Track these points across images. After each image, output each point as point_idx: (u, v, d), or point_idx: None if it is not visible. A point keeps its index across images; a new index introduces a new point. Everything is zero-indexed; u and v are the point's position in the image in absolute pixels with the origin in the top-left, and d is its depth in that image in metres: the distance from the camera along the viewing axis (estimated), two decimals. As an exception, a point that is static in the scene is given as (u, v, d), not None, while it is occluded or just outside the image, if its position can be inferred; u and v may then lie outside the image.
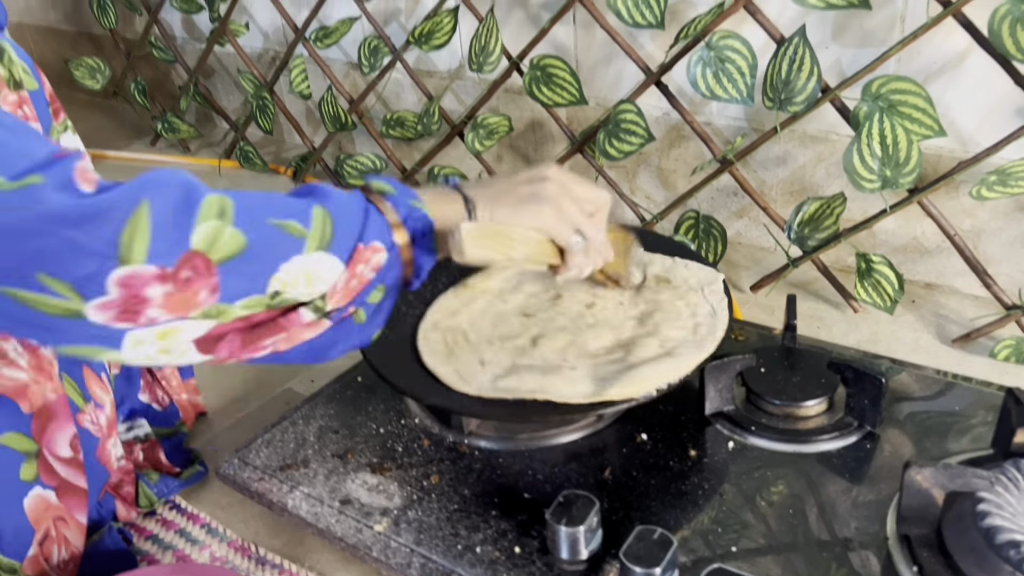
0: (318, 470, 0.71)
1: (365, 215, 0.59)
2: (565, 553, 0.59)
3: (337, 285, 0.57)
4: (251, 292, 0.54)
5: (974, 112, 0.93)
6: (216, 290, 0.52)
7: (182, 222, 0.50)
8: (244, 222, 0.53)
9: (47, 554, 0.70)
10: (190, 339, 0.54)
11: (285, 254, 0.54)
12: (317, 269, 0.56)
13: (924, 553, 0.58)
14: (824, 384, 0.72)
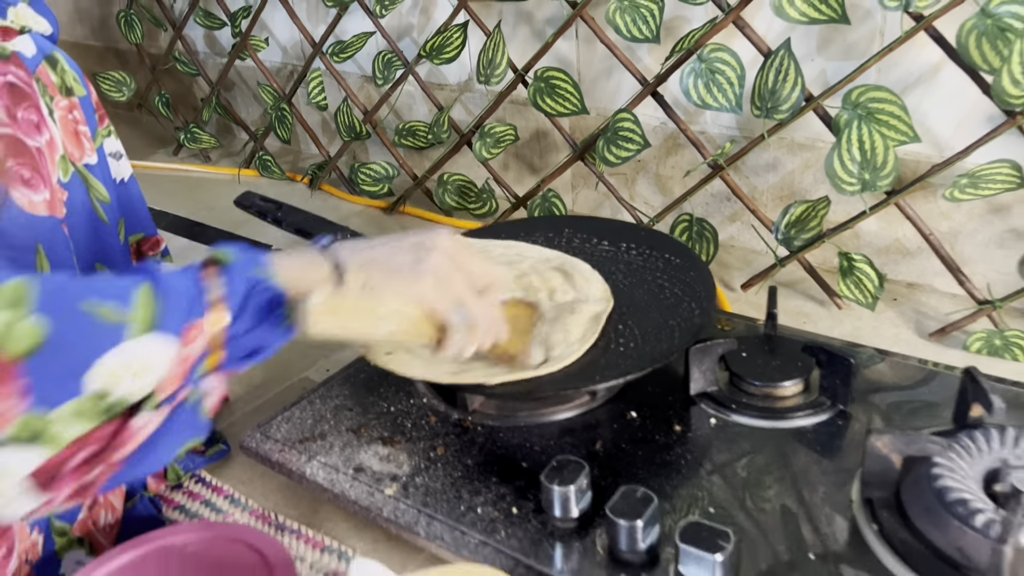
0: (334, 443, 0.78)
1: (198, 286, 0.53)
2: (558, 511, 0.65)
3: (168, 374, 0.51)
4: (69, 396, 0.47)
5: (949, 120, 0.99)
6: (25, 395, 0.45)
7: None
8: (50, 308, 0.46)
9: (95, 518, 0.76)
10: (20, 475, 0.47)
11: (103, 344, 0.48)
12: (145, 356, 0.49)
13: (884, 513, 0.64)
14: (800, 367, 0.78)
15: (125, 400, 0.49)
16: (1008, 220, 1.00)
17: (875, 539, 0.62)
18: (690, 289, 0.84)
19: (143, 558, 0.67)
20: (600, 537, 0.64)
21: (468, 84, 1.40)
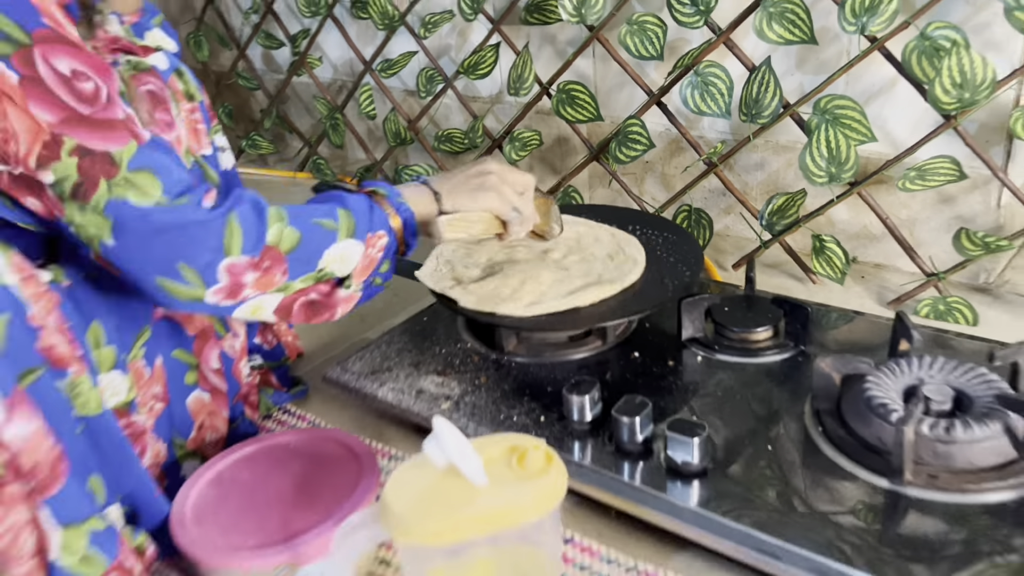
0: (399, 373, 0.98)
1: (371, 211, 0.82)
2: (576, 416, 0.85)
3: (360, 264, 0.80)
4: (307, 271, 0.77)
5: (905, 123, 1.18)
6: (285, 271, 0.75)
7: (260, 225, 0.74)
8: (298, 221, 0.76)
9: (202, 437, 0.96)
10: (270, 309, 0.78)
11: (327, 241, 0.77)
12: (348, 252, 0.79)
13: (827, 419, 0.83)
14: (770, 317, 0.97)
15: (333, 274, 0.79)
16: (954, 208, 1.19)
17: (819, 437, 0.82)
18: (683, 257, 1.04)
19: (258, 451, 0.87)
20: (608, 434, 0.84)
21: (499, 96, 1.61)
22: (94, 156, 0.66)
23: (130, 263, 0.69)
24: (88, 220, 0.67)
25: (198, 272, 0.71)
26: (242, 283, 0.73)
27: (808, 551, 0.70)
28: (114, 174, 0.67)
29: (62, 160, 0.65)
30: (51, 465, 0.65)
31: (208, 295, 0.72)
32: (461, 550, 0.72)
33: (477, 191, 0.88)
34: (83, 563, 0.67)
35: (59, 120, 0.64)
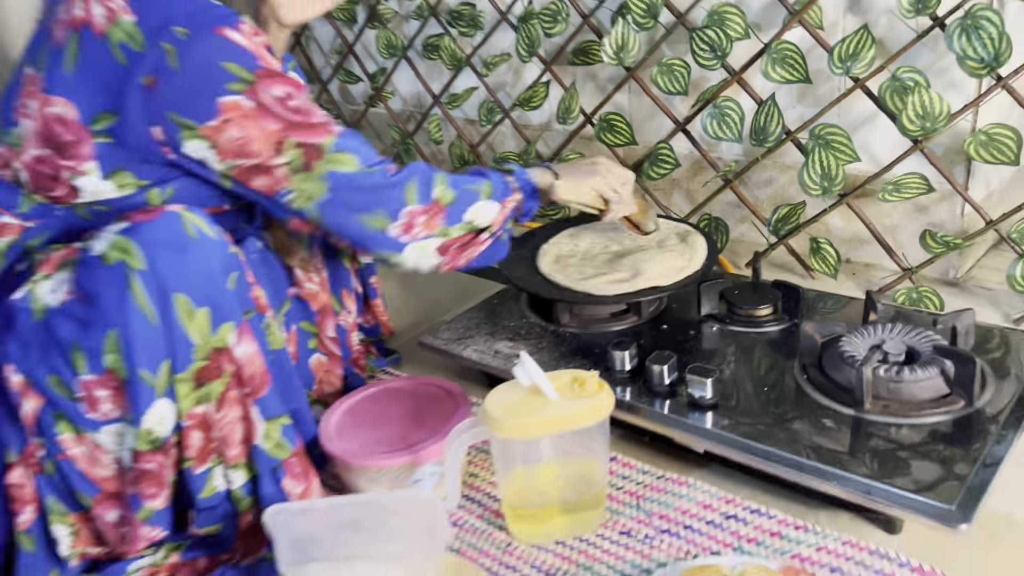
0: (478, 339, 1.25)
1: (505, 185, 1.11)
2: (618, 366, 1.12)
3: (496, 221, 1.10)
4: (459, 221, 1.06)
5: (886, 147, 1.44)
6: (445, 219, 1.05)
7: (429, 186, 1.04)
8: (455, 185, 1.06)
9: (322, 389, 1.24)
10: (433, 248, 1.06)
11: (473, 200, 1.07)
12: (487, 209, 1.08)
13: (811, 370, 1.09)
14: (770, 297, 1.23)
15: (477, 225, 1.07)
16: (927, 217, 1.45)
17: (804, 382, 1.08)
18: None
19: (378, 392, 1.15)
20: (643, 380, 1.10)
21: (548, 124, 1.89)
22: (308, 146, 0.94)
23: (338, 210, 0.98)
24: (310, 185, 0.95)
25: (388, 212, 1.00)
26: (414, 223, 1.02)
27: (791, 454, 0.96)
28: (322, 155, 0.95)
29: (289, 151, 0.93)
30: (261, 377, 0.93)
31: (391, 227, 1.00)
32: (536, 457, 0.99)
33: (587, 174, 1.18)
34: (276, 447, 0.95)
35: (281, 128, 0.92)
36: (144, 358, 0.85)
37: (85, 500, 0.93)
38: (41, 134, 0.92)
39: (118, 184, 0.94)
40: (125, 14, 0.89)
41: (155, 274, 0.84)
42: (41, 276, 0.89)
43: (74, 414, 0.89)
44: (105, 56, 0.89)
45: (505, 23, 1.77)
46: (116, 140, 0.91)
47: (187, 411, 0.89)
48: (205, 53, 0.89)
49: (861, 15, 1.40)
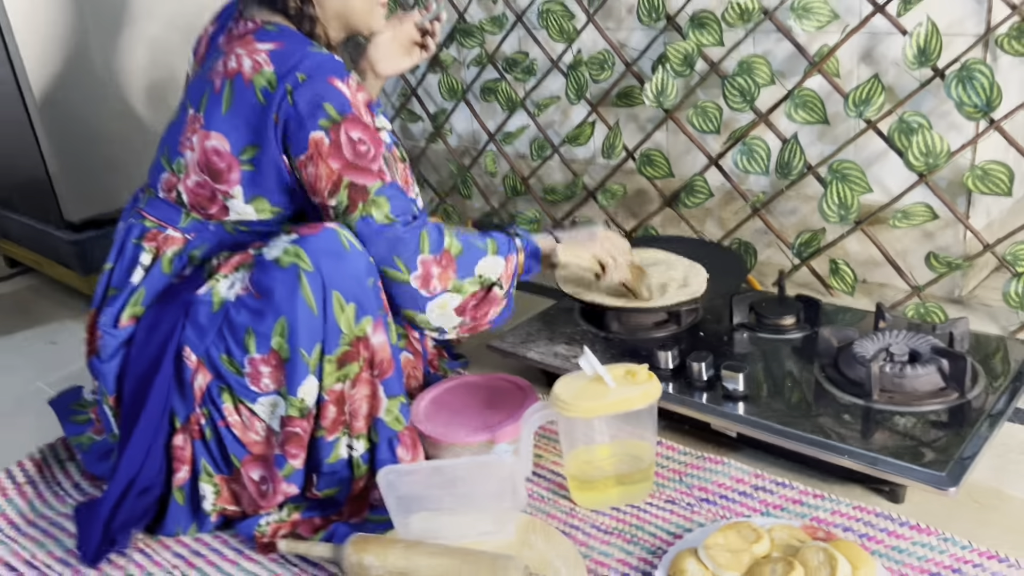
0: (539, 342, 1.45)
1: (509, 243, 1.23)
2: (662, 364, 1.31)
3: (503, 277, 1.21)
4: (471, 274, 1.16)
5: (896, 179, 1.63)
6: (456, 271, 1.16)
7: (440, 236, 1.15)
8: (462, 239, 1.17)
9: (408, 385, 1.44)
10: (452, 308, 1.17)
11: (481, 255, 1.18)
12: (494, 264, 1.19)
13: (827, 368, 1.27)
14: (794, 308, 1.42)
15: (488, 279, 1.20)
16: (934, 242, 1.64)
17: (823, 379, 1.26)
18: (731, 270, 1.50)
19: (456, 385, 1.35)
20: (684, 376, 1.29)
21: (593, 159, 2.11)
22: (356, 187, 1.10)
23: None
24: (347, 226, 1.11)
25: (405, 261, 1.13)
26: (431, 273, 1.13)
27: (812, 434, 1.14)
28: (366, 197, 1.11)
29: (340, 191, 1.11)
30: (388, 362, 1.14)
31: (411, 279, 1.13)
32: (595, 438, 1.18)
33: (587, 240, 1.32)
34: (395, 421, 1.15)
35: (341, 167, 1.10)
36: (304, 341, 1.06)
37: (236, 461, 1.13)
38: (200, 163, 1.14)
39: (256, 209, 1.16)
40: (267, 65, 1.10)
41: (319, 275, 1.05)
42: (221, 276, 1.11)
43: (238, 387, 1.10)
44: (251, 98, 1.11)
45: (556, 70, 2.00)
46: (256, 169, 1.13)
47: (328, 387, 1.10)
48: (313, 95, 1.09)
49: (873, 65, 1.60)
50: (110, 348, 1.19)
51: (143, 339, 1.17)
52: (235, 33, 1.17)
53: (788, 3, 1.58)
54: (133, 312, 1.18)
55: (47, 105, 1.89)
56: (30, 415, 1.58)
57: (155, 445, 1.15)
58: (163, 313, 1.16)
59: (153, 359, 1.15)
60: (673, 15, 1.76)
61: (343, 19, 1.22)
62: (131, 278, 1.19)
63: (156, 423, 1.14)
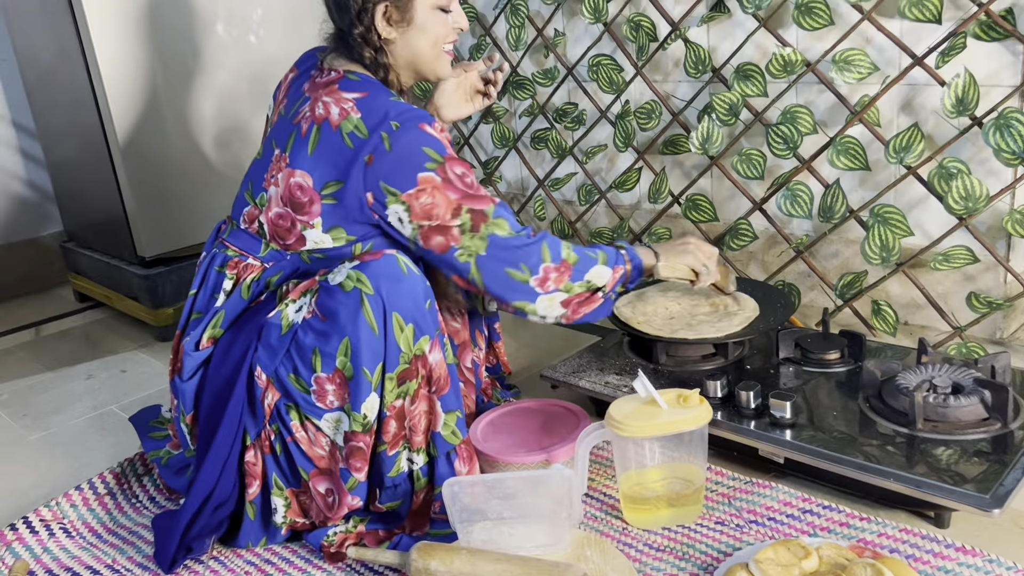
0: (590, 373, 1.52)
1: (617, 255, 1.36)
2: (711, 393, 1.37)
3: (608, 284, 1.34)
4: (581, 279, 1.29)
5: (936, 223, 1.68)
6: (571, 277, 1.29)
7: (558, 249, 1.29)
8: (577, 251, 1.30)
9: (469, 408, 1.51)
10: (559, 302, 1.30)
11: (592, 264, 1.30)
12: (603, 272, 1.31)
13: (873, 400, 1.32)
14: (838, 344, 1.47)
15: (595, 285, 1.29)
16: (975, 284, 1.68)
17: (867, 408, 1.31)
18: (776, 308, 1.56)
19: (513, 409, 1.41)
20: (732, 404, 1.35)
21: (639, 204, 2.19)
22: (476, 212, 1.22)
23: (492, 263, 1.23)
24: (475, 243, 1.22)
25: (529, 267, 1.25)
26: (548, 277, 1.26)
27: (858, 458, 1.19)
28: (486, 220, 1.23)
29: (463, 215, 1.21)
30: (444, 379, 1.21)
31: (531, 280, 1.25)
32: (647, 460, 1.23)
33: (681, 252, 1.41)
34: (452, 435, 1.22)
35: (459, 197, 1.21)
36: (367, 360, 1.14)
37: (303, 474, 1.21)
38: (284, 197, 1.24)
39: (333, 237, 1.25)
40: (354, 112, 1.21)
41: (380, 297, 1.13)
42: (289, 300, 1.20)
43: (305, 404, 1.17)
44: (338, 141, 1.21)
45: (604, 119, 2.09)
46: (338, 202, 1.23)
47: (389, 403, 1.17)
48: (411, 140, 1.20)
49: (912, 114, 1.67)
50: (190, 368, 1.28)
51: (219, 360, 1.25)
52: (319, 81, 1.28)
53: (830, 56, 1.66)
54: (212, 334, 1.27)
55: (128, 148, 2.02)
56: (107, 435, 1.67)
57: (230, 462, 1.22)
58: (237, 337, 1.25)
59: (228, 380, 1.23)
60: (718, 67, 1.85)
61: (413, 66, 1.32)
62: (215, 303, 1.28)
63: (231, 441, 1.22)
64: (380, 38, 1.27)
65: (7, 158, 2.58)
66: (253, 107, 2.16)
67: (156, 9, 2.00)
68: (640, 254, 1.39)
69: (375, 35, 1.26)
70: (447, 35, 1.31)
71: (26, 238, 2.65)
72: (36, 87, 2.31)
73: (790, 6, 1.72)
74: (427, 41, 1.29)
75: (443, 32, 1.30)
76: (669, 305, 1.60)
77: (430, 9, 1.28)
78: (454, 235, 1.23)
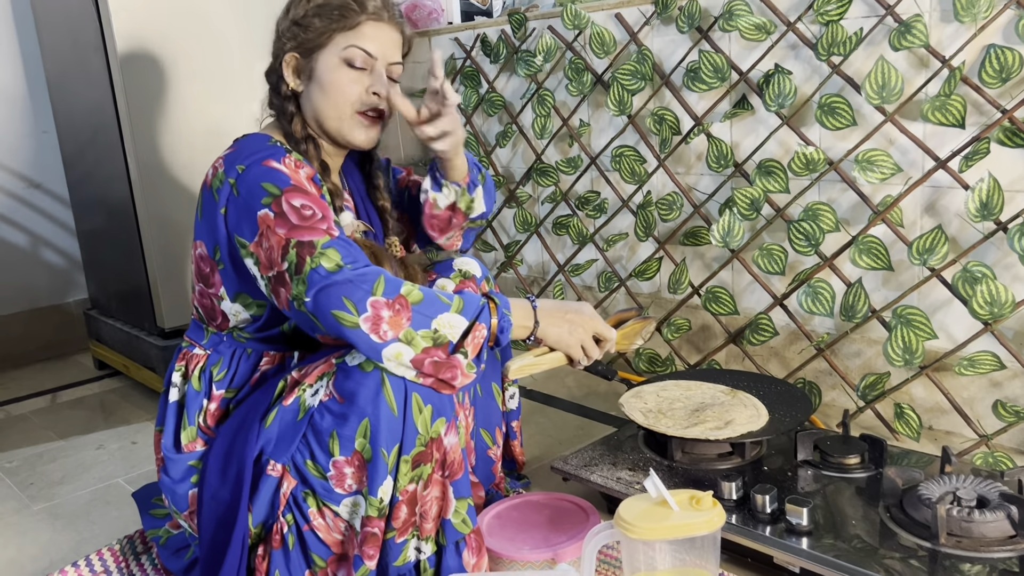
0: (602, 467, 1.48)
1: (482, 309, 1.11)
2: (726, 495, 1.32)
3: (468, 340, 1.08)
4: (426, 326, 1.05)
5: (961, 326, 1.65)
6: (409, 320, 1.05)
7: (397, 285, 1.06)
8: (424, 291, 1.07)
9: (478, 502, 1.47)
10: (407, 359, 1.06)
11: (442, 309, 1.07)
12: (455, 322, 1.07)
13: (893, 509, 1.27)
14: (858, 448, 1.43)
15: (445, 336, 1.07)
16: (1002, 391, 1.63)
17: (887, 519, 1.26)
18: (795, 407, 1.52)
19: (520, 503, 1.38)
20: (747, 508, 1.30)
21: (658, 293, 2.18)
22: (303, 244, 1.07)
23: (319, 307, 1.06)
24: (300, 287, 1.07)
25: (354, 302, 1.04)
26: (380, 316, 1.04)
27: (878, 572, 1.13)
28: (313, 252, 1.07)
29: (290, 252, 1.08)
30: (458, 463, 1.18)
31: (360, 322, 1.04)
32: (657, 564, 1.19)
33: (566, 333, 1.20)
34: (462, 523, 1.18)
35: (287, 231, 1.09)
36: (385, 441, 1.11)
37: (320, 562, 1.17)
38: (196, 272, 1.24)
39: (243, 304, 1.22)
40: (220, 166, 1.19)
41: (400, 377, 1.11)
42: (306, 385, 1.18)
43: (323, 491, 1.14)
44: (210, 199, 1.19)
45: (626, 208, 2.10)
46: (225, 265, 1.20)
47: (402, 487, 1.14)
48: (253, 178, 1.13)
49: (936, 217, 1.66)
50: (178, 471, 1.25)
51: (218, 468, 1.20)
52: None
53: (852, 155, 1.67)
54: (189, 436, 1.25)
55: (155, 221, 2.06)
56: (111, 508, 1.65)
57: (242, 567, 1.18)
58: (235, 443, 1.19)
59: (233, 480, 1.18)
60: (740, 163, 1.86)
61: (319, 124, 1.25)
62: (169, 397, 1.27)
63: (240, 548, 1.17)
64: (288, 87, 1.24)
65: (41, 226, 2.64)
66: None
67: (191, 87, 2.06)
68: (515, 314, 1.17)
69: (284, 84, 1.24)
70: (358, 98, 1.22)
71: (52, 304, 2.68)
72: (73, 159, 2.37)
73: (813, 105, 1.74)
74: (327, 99, 1.22)
75: (351, 92, 1.21)
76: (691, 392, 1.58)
77: (336, 65, 1.20)
78: (287, 281, 1.09)
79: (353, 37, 1.21)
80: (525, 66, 2.23)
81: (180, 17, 2.03)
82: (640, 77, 1.99)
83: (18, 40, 2.54)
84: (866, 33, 1.64)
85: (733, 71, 1.85)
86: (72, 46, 2.16)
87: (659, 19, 1.99)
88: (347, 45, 1.20)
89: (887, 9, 1.61)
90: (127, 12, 1.96)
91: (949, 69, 1.55)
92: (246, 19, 2.12)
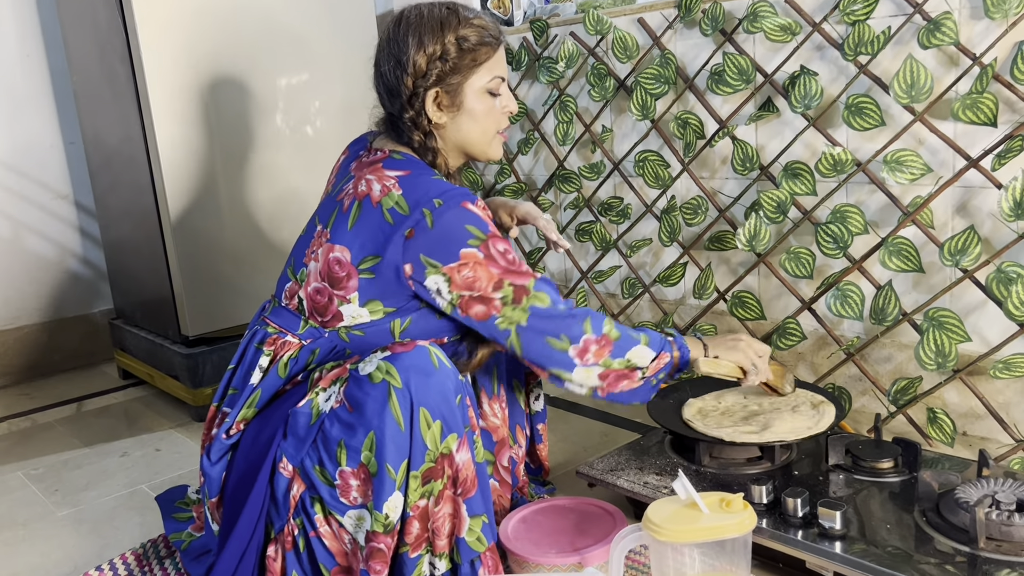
0: (629, 472, 1.46)
1: (663, 342, 1.33)
2: (756, 499, 1.29)
3: (649, 367, 1.31)
4: (622, 356, 1.27)
5: (996, 329, 1.62)
6: (611, 353, 1.26)
7: (600, 323, 1.26)
8: (620, 328, 1.28)
9: (501, 504, 1.45)
10: (596, 374, 1.28)
11: (635, 344, 1.28)
12: (644, 353, 1.28)
13: (929, 513, 1.24)
14: (891, 452, 1.40)
15: (635, 364, 1.27)
16: (1039, 394, 1.60)
17: (923, 522, 1.23)
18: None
19: (547, 507, 1.36)
20: (778, 512, 1.27)
21: (683, 299, 2.15)
22: (518, 287, 1.22)
23: (531, 333, 1.23)
24: (516, 313, 1.22)
25: (570, 337, 1.24)
26: (588, 349, 1.25)
27: (912, 579, 1.10)
28: (528, 293, 1.22)
29: (504, 288, 1.21)
30: (471, 480, 1.16)
31: (570, 350, 1.24)
32: (685, 567, 1.16)
33: (731, 348, 1.38)
34: (476, 541, 1.17)
35: (500, 272, 1.20)
36: (391, 456, 1.10)
37: (325, 571, 1.16)
38: (322, 271, 1.24)
39: (371, 311, 1.24)
40: (396, 189, 1.22)
41: (408, 391, 1.11)
42: (320, 389, 1.17)
43: (329, 499, 1.14)
44: (378, 217, 1.21)
45: (649, 214, 2.09)
46: (375, 276, 1.22)
47: (413, 503, 1.12)
48: (453, 217, 1.20)
49: (968, 217, 1.63)
50: (218, 452, 1.26)
51: (247, 448, 1.23)
52: (365, 161, 1.29)
53: (881, 156, 1.64)
54: (245, 415, 1.25)
55: (180, 230, 2.07)
56: (135, 514, 1.65)
57: (248, 554, 1.18)
58: (265, 425, 1.23)
59: (252, 468, 1.20)
60: (766, 165, 1.84)
61: (462, 149, 1.35)
62: (250, 380, 1.26)
63: (250, 532, 1.18)
64: (430, 122, 1.29)
65: (67, 236, 2.66)
66: (306, 194, 2.21)
67: (218, 98, 2.08)
68: (688, 344, 1.36)
69: (425, 119, 1.28)
70: (497, 119, 1.33)
71: (78, 314, 2.70)
72: (99, 170, 2.39)
73: (840, 106, 1.72)
74: (477, 126, 1.32)
75: (493, 116, 1.32)
76: (722, 403, 1.55)
77: (480, 94, 1.30)
78: (496, 305, 1.23)
79: (494, 67, 1.31)
80: (547, 73, 2.23)
81: (206, 27, 2.05)
82: (663, 81, 1.98)
83: (45, 52, 2.57)
84: (894, 32, 1.62)
85: (758, 73, 1.83)
86: (99, 57, 2.18)
87: (682, 22, 1.98)
88: (491, 76, 1.30)
89: (915, 7, 1.59)
90: (153, 23, 1.98)
91: (980, 67, 1.53)
92: (269, 27, 2.13)
